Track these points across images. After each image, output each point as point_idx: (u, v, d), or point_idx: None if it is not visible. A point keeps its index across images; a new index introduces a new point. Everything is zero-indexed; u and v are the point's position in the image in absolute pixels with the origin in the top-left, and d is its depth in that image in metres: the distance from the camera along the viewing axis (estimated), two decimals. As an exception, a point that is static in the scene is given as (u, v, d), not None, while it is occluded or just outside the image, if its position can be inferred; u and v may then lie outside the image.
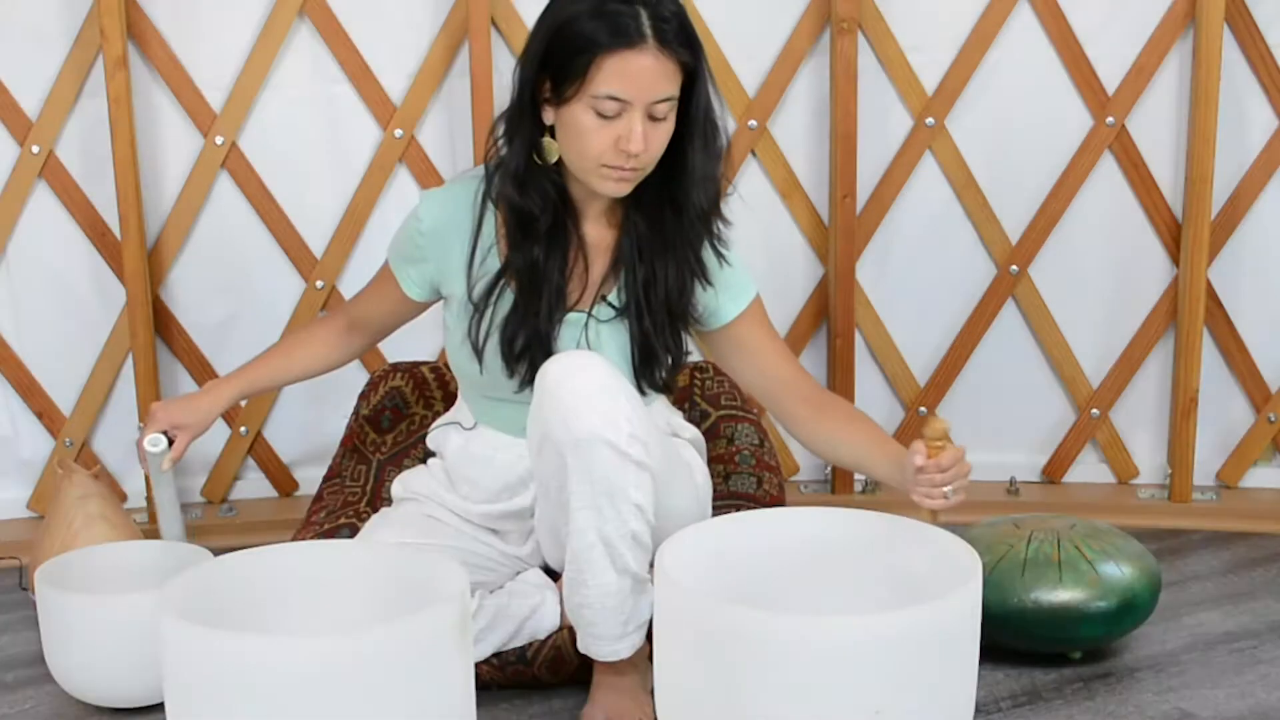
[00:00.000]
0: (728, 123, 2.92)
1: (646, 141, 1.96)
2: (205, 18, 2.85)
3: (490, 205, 2.10)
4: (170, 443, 2.28)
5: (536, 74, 1.99)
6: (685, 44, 1.97)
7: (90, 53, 2.80)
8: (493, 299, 2.11)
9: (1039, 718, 2.13)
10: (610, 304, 2.11)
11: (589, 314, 2.11)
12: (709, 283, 2.11)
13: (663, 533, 1.98)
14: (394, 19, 2.89)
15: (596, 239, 2.12)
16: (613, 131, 1.96)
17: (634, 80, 1.93)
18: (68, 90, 2.82)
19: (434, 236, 2.15)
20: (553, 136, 2.02)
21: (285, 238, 2.94)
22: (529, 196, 2.05)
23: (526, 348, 2.09)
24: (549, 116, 2.02)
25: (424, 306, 2.27)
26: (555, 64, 1.96)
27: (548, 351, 2.08)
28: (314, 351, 2.36)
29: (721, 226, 2.12)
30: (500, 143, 2.07)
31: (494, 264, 2.11)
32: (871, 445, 2.08)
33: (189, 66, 2.85)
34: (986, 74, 2.92)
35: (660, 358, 2.12)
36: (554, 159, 2.04)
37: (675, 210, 2.07)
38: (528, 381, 2.09)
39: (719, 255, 2.11)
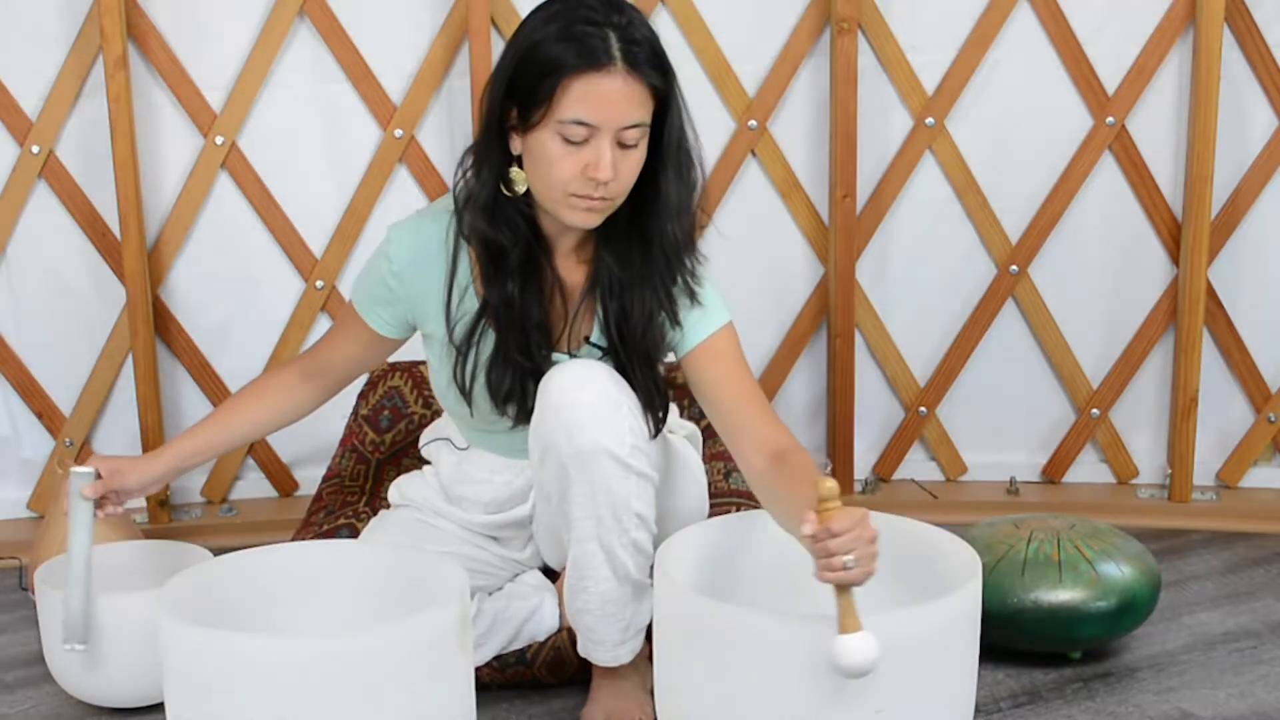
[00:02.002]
0: (728, 126, 2.94)
1: (616, 170, 1.86)
2: (205, 18, 2.85)
3: (464, 242, 2.00)
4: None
5: (503, 100, 1.90)
6: (656, 68, 1.86)
7: (90, 53, 2.80)
8: (475, 340, 2.02)
9: (1039, 718, 2.13)
10: (595, 345, 2.04)
11: (571, 356, 2.04)
12: (678, 323, 1.99)
13: (664, 532, 1.99)
14: (394, 19, 2.89)
15: (570, 276, 2.03)
16: (580, 159, 1.85)
17: (602, 104, 1.83)
18: (68, 90, 2.82)
19: (406, 277, 2.05)
20: (520, 166, 1.93)
21: (285, 238, 2.94)
22: (499, 229, 1.96)
23: (513, 388, 2.02)
24: (516, 145, 1.91)
25: (397, 344, 2.17)
26: (522, 88, 1.86)
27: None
28: (262, 406, 2.19)
29: (695, 264, 2.00)
30: (468, 174, 1.98)
31: (472, 304, 2.02)
32: (800, 510, 1.70)
33: (189, 66, 2.85)
34: (986, 74, 2.92)
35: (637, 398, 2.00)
36: (522, 189, 1.94)
37: (644, 243, 1.96)
38: (520, 420, 2.04)
39: (691, 294, 1.99)
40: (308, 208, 2.95)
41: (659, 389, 2.02)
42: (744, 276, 2.98)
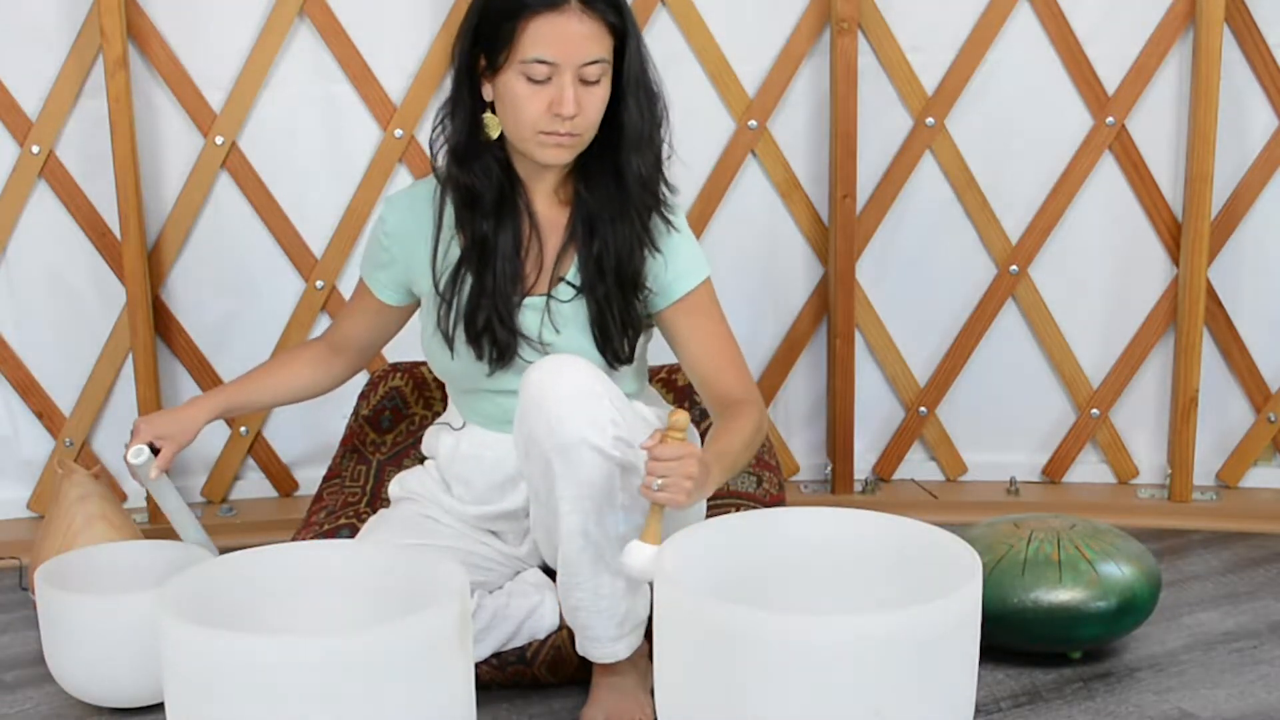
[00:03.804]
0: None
1: (580, 105, 1.97)
2: (205, 18, 2.85)
3: (449, 196, 2.12)
4: (155, 453, 2.26)
5: (471, 48, 2.02)
6: (611, 5, 1.98)
7: (90, 53, 2.80)
8: (458, 286, 2.12)
9: (1039, 718, 2.13)
10: (569, 283, 2.11)
11: (549, 296, 2.11)
12: (657, 249, 2.09)
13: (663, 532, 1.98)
14: (394, 19, 2.89)
15: (549, 217, 2.13)
16: (545, 96, 1.97)
17: (560, 42, 1.95)
18: (68, 90, 2.82)
19: (398, 237, 2.17)
20: (494, 113, 2.04)
21: (285, 238, 2.94)
22: (472, 172, 2.07)
23: (487, 325, 2.10)
24: (489, 92, 2.04)
25: (403, 315, 2.28)
26: (487, 33, 1.99)
27: (510, 329, 2.09)
28: (295, 373, 2.35)
29: (667, 193, 2.10)
30: (444, 122, 2.10)
31: (456, 253, 2.13)
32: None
33: (189, 66, 2.85)
34: (986, 74, 2.92)
35: (614, 331, 2.09)
36: (496, 134, 2.05)
37: (617, 177, 2.06)
38: (496, 363, 2.11)
39: (665, 221, 2.10)
40: (308, 208, 2.95)
41: (634, 322, 2.11)
42: (744, 276, 2.98)
